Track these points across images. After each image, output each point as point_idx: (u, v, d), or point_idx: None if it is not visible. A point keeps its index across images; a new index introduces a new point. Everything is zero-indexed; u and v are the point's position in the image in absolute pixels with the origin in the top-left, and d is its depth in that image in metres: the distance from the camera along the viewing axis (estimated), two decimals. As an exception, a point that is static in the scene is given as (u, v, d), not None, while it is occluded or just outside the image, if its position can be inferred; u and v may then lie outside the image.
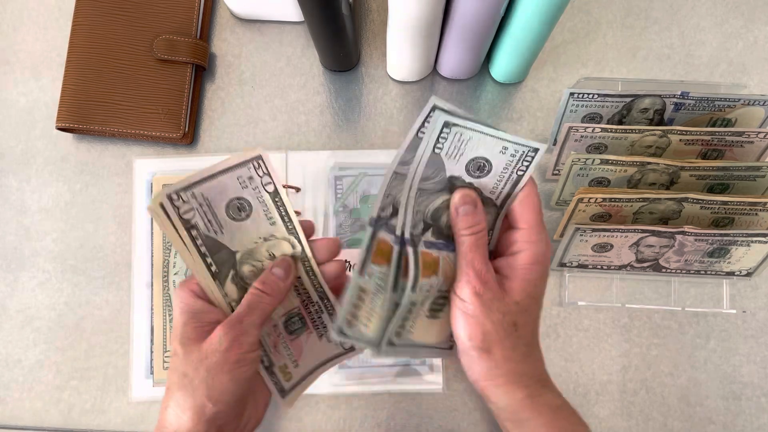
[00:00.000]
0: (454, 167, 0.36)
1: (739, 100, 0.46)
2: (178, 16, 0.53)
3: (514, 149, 0.35)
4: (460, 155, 0.36)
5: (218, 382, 0.34)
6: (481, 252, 0.35)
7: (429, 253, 0.36)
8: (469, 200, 0.36)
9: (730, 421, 0.50)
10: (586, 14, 0.56)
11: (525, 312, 0.36)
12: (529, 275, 0.35)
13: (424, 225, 0.36)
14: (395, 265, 0.35)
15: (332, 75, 0.55)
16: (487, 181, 0.37)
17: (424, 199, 0.36)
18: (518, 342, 0.35)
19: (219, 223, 0.36)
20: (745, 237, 0.46)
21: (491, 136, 0.35)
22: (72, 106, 0.52)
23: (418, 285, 0.35)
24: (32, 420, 0.51)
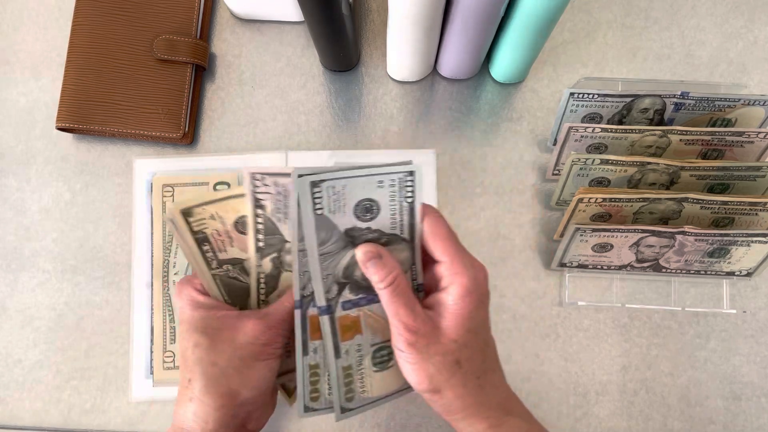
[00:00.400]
0: (343, 220, 0.35)
1: (739, 100, 0.46)
2: (178, 16, 0.53)
3: (389, 180, 0.34)
4: (343, 206, 0.34)
5: (254, 370, 0.35)
6: (403, 300, 0.34)
7: (347, 315, 0.36)
8: (372, 254, 0.34)
9: (730, 421, 0.50)
10: (586, 14, 0.56)
11: (465, 347, 0.34)
12: (462, 310, 0.34)
13: (338, 286, 0.36)
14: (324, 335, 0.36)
15: (332, 75, 0.55)
16: (382, 220, 0.35)
17: (330, 263, 0.35)
18: (466, 378, 0.34)
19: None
20: (745, 237, 0.46)
21: (361, 176, 0.34)
22: (72, 106, 0.52)
23: (342, 350, 0.36)
24: (32, 420, 0.51)
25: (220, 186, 0.52)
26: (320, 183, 0.33)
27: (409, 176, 0.35)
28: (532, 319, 0.51)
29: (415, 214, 0.35)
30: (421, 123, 0.54)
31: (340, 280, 0.35)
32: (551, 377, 0.51)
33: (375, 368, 0.37)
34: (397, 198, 0.35)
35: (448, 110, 0.54)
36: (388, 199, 0.35)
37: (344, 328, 0.36)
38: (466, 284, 0.34)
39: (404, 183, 0.35)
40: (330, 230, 0.34)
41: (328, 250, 0.35)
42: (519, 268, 0.52)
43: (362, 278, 0.36)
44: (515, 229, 0.52)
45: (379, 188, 0.35)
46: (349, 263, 0.35)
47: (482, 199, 0.53)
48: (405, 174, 0.34)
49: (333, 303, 0.36)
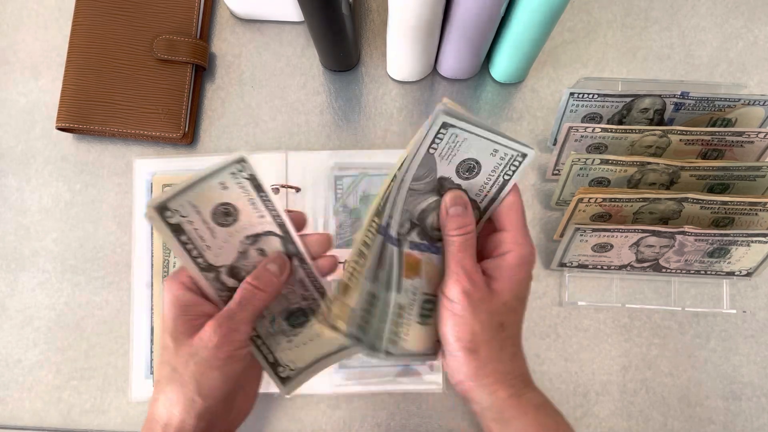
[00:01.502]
0: (445, 168, 0.36)
1: (739, 100, 0.46)
2: (178, 16, 0.53)
3: (503, 152, 0.36)
4: (452, 156, 0.36)
5: (207, 378, 0.34)
6: (471, 252, 0.36)
7: (412, 254, 0.37)
8: (460, 201, 0.36)
9: (730, 421, 0.50)
10: (586, 14, 0.56)
11: (512, 312, 0.36)
12: (517, 276, 0.36)
13: (410, 225, 0.36)
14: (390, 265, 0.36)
15: (332, 75, 0.55)
16: (475, 183, 0.37)
17: (413, 200, 0.36)
18: (505, 342, 0.36)
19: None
20: (745, 237, 0.46)
21: (484, 138, 0.35)
22: (72, 106, 0.52)
23: (402, 286, 0.36)
24: (32, 420, 0.51)
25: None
26: (449, 127, 0.34)
27: (520, 157, 0.36)
28: (532, 319, 0.51)
29: (503, 191, 0.37)
30: (421, 123, 0.54)
31: (414, 221, 0.36)
32: (551, 377, 0.51)
33: (419, 319, 0.37)
34: (498, 171, 0.36)
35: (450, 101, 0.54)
36: (492, 168, 0.36)
37: (408, 265, 0.36)
38: (525, 254, 0.36)
39: (513, 161, 0.36)
40: (429, 171, 0.36)
41: (417, 187, 0.36)
42: (519, 268, 0.52)
43: (431, 227, 0.37)
44: (515, 229, 0.52)
45: (491, 156, 0.36)
46: (426, 207, 0.37)
47: (482, 199, 0.53)
48: (518, 154, 0.36)
49: (402, 239, 0.36)
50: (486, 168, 0.36)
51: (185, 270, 0.36)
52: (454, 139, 0.35)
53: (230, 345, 0.34)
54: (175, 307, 0.35)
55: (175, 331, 0.35)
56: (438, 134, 0.35)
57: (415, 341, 0.37)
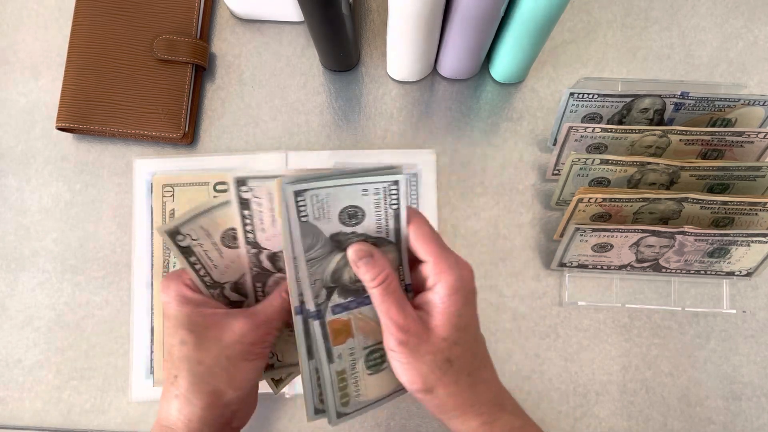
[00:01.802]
0: (329, 226, 0.34)
1: (739, 100, 0.46)
2: (178, 16, 0.53)
3: (374, 188, 0.34)
4: (327, 212, 0.34)
5: (241, 370, 0.35)
6: (394, 298, 0.34)
7: (338, 319, 0.36)
8: (364, 253, 0.35)
9: (730, 421, 0.50)
10: (586, 14, 0.56)
11: (456, 345, 0.35)
12: (450, 307, 0.34)
13: (327, 290, 0.35)
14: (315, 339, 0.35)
15: (332, 75, 0.55)
16: (367, 224, 0.35)
17: (317, 268, 0.35)
18: (458, 375, 0.35)
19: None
20: (745, 237, 0.46)
21: (345, 185, 0.34)
22: (72, 106, 0.52)
23: (334, 354, 0.35)
24: (32, 420, 0.51)
25: (220, 186, 0.52)
26: (303, 192, 0.33)
27: (393, 185, 0.34)
28: (532, 319, 0.51)
29: (400, 220, 0.35)
30: (421, 123, 0.54)
31: (329, 285, 0.35)
32: (551, 377, 0.51)
33: (369, 371, 0.37)
34: (382, 206, 0.35)
35: (448, 110, 0.54)
36: (374, 206, 0.35)
37: (335, 332, 0.36)
38: (452, 282, 0.34)
39: (389, 191, 0.34)
40: (316, 236, 0.34)
41: (314, 255, 0.34)
42: (519, 268, 0.52)
43: (350, 281, 0.36)
44: (515, 229, 0.52)
45: (363, 196, 0.34)
46: (336, 267, 0.35)
47: (482, 199, 0.53)
48: (389, 183, 0.34)
49: (323, 308, 0.35)
50: (368, 208, 0.35)
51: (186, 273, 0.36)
52: (316, 199, 0.33)
53: (263, 344, 0.35)
54: (185, 304, 0.35)
55: (194, 325, 0.35)
56: (298, 204, 0.33)
57: (376, 389, 0.37)
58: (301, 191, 0.33)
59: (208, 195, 0.52)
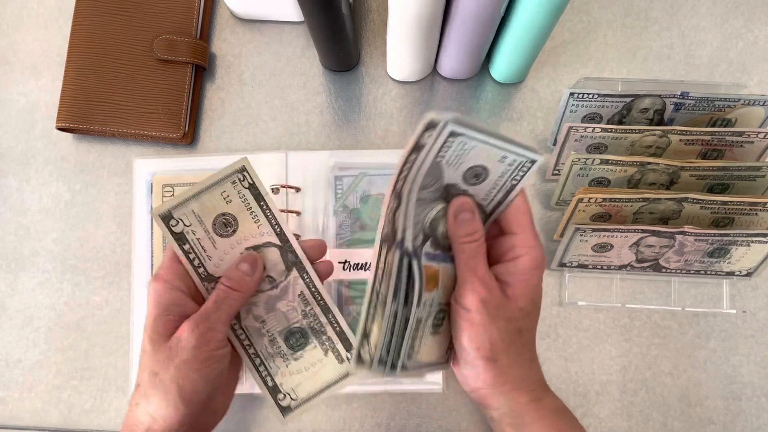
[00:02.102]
0: (452, 175, 0.35)
1: (739, 100, 0.46)
2: (178, 16, 0.53)
3: (512, 159, 0.35)
4: (460, 163, 0.34)
5: (188, 382, 0.33)
6: (482, 259, 0.35)
7: (430, 266, 0.35)
8: (468, 207, 0.35)
9: (730, 421, 0.50)
10: (586, 14, 0.56)
11: (528, 317, 0.35)
12: (531, 280, 0.35)
13: (423, 236, 0.35)
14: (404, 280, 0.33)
15: (332, 75, 0.55)
16: (481, 188, 0.36)
17: (421, 209, 0.35)
18: (523, 348, 0.35)
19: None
20: (745, 237, 0.46)
21: (493, 145, 0.34)
22: (72, 106, 0.52)
23: (422, 300, 0.34)
24: (32, 420, 0.51)
25: (220, 186, 0.52)
26: (457, 136, 0.32)
27: (528, 163, 0.35)
28: (532, 319, 0.51)
29: (509, 196, 0.36)
30: (421, 123, 0.54)
31: (426, 231, 0.35)
32: (551, 377, 0.51)
33: (431, 329, 0.36)
34: (506, 176, 0.36)
35: (448, 110, 0.54)
36: (500, 174, 0.35)
37: (428, 278, 0.35)
38: (538, 258, 0.35)
39: (522, 167, 0.35)
40: (436, 178, 0.34)
41: (423, 196, 0.34)
42: (519, 268, 0.52)
43: (442, 236, 0.36)
44: (515, 229, 0.52)
45: (499, 162, 0.35)
46: (435, 216, 0.35)
47: (482, 199, 0.53)
48: (527, 160, 0.35)
49: (418, 251, 0.34)
50: (494, 174, 0.35)
51: (170, 266, 0.36)
52: (462, 147, 0.33)
53: (207, 345, 0.34)
54: (156, 308, 0.35)
55: (154, 332, 0.34)
56: (446, 143, 0.32)
57: (428, 352, 0.36)
58: (456, 134, 0.32)
59: (208, 195, 0.51)
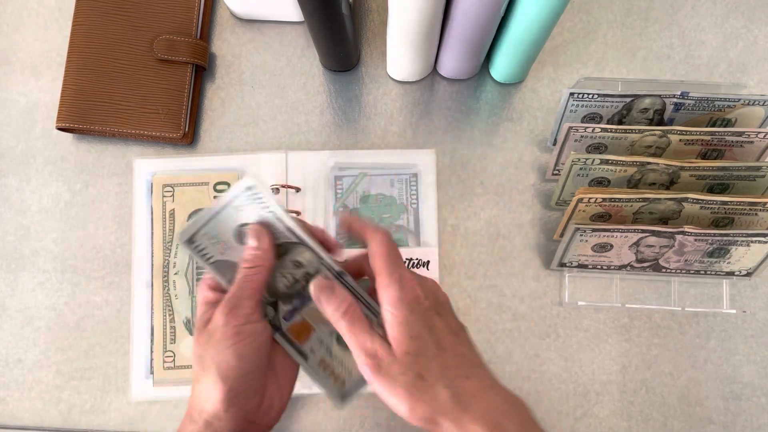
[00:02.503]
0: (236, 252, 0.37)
1: (739, 100, 0.46)
2: (178, 16, 0.53)
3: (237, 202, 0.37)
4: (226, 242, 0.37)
5: (222, 358, 0.35)
6: (359, 325, 0.35)
7: (294, 324, 0.38)
8: (325, 285, 0.36)
9: (730, 421, 0.50)
10: (586, 14, 0.56)
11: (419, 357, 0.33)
12: (397, 318, 0.34)
13: (271, 306, 0.38)
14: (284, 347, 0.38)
15: (332, 75, 0.55)
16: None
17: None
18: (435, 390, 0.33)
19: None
20: (744, 237, 0.46)
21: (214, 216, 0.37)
22: (72, 106, 0.52)
23: (307, 352, 0.38)
24: (32, 420, 0.51)
25: (220, 186, 0.52)
26: (193, 237, 0.36)
27: (248, 191, 0.36)
28: (532, 319, 0.51)
29: (287, 222, 0.37)
30: (421, 123, 0.54)
31: (269, 300, 0.37)
32: (551, 377, 0.51)
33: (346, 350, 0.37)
34: (259, 212, 0.37)
35: (448, 110, 0.54)
36: (255, 217, 0.37)
37: (296, 334, 0.38)
38: (393, 293, 0.34)
39: (254, 199, 0.36)
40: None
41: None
42: (519, 268, 0.52)
43: (287, 288, 0.38)
44: (515, 229, 0.52)
45: (239, 211, 0.37)
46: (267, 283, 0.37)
47: (482, 199, 0.53)
48: (245, 190, 0.36)
49: (276, 321, 0.37)
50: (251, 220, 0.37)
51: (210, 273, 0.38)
52: (207, 236, 0.37)
53: (235, 319, 0.35)
54: (201, 306, 0.37)
55: (199, 323, 0.37)
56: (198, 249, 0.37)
57: None
58: (191, 238, 0.37)
59: (208, 195, 0.52)
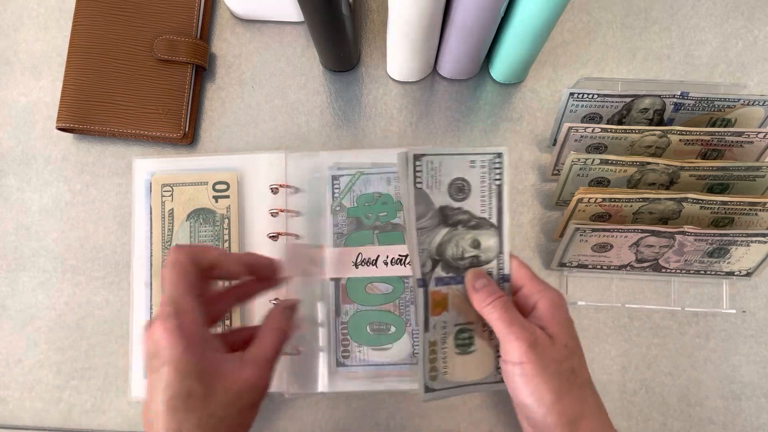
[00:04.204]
0: (439, 197, 0.38)
1: (739, 100, 0.46)
2: (178, 16, 0.53)
3: (480, 160, 0.37)
4: (438, 183, 0.38)
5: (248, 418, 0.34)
6: (513, 310, 0.36)
7: (438, 291, 0.38)
8: (480, 274, 0.37)
9: (730, 421, 0.50)
10: (586, 14, 0.56)
11: (575, 355, 0.35)
12: (560, 317, 0.36)
13: (432, 262, 0.38)
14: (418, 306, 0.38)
15: (332, 75, 0.55)
16: (473, 202, 0.38)
17: (425, 237, 0.38)
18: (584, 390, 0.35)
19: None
20: (744, 237, 0.46)
21: (456, 155, 0.37)
22: (72, 106, 0.52)
23: (430, 324, 0.37)
24: (32, 420, 0.51)
25: (219, 186, 0.52)
26: (421, 157, 0.37)
27: (497, 158, 0.38)
28: (532, 319, 0.51)
29: (503, 199, 0.38)
30: (421, 123, 0.54)
31: (434, 257, 0.38)
32: (551, 377, 0.51)
33: (457, 349, 0.38)
34: (487, 180, 0.38)
35: (448, 110, 0.54)
36: (479, 180, 0.38)
37: (434, 303, 0.38)
38: (553, 297, 0.36)
39: (493, 165, 0.38)
40: (427, 205, 0.37)
41: (424, 224, 0.38)
42: (519, 268, 0.52)
43: (452, 258, 0.38)
44: (515, 229, 0.52)
45: (471, 168, 0.38)
46: (442, 240, 0.38)
47: (482, 199, 0.53)
48: (494, 156, 0.38)
49: (427, 278, 0.38)
50: (474, 181, 0.38)
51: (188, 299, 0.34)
52: (430, 167, 0.37)
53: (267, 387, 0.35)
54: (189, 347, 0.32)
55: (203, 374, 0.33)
56: (416, 169, 0.37)
57: (463, 371, 0.38)
58: (420, 156, 0.37)
59: (207, 194, 0.52)
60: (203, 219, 0.51)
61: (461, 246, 0.38)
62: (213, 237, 0.51)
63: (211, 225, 0.51)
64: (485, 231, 0.38)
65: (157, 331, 0.32)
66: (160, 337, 0.32)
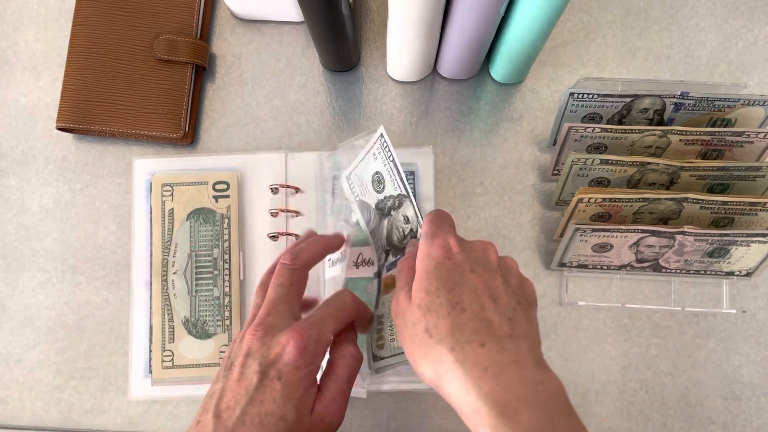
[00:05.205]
0: (371, 198, 0.44)
1: (739, 100, 0.46)
2: (178, 16, 0.53)
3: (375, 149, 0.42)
4: (365, 187, 0.44)
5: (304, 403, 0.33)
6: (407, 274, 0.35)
7: (389, 275, 0.41)
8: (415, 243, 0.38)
9: (730, 421, 0.50)
10: (586, 14, 0.56)
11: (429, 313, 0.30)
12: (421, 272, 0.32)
13: (385, 252, 0.42)
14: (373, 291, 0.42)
15: (332, 75, 0.55)
16: (389, 186, 0.42)
17: (376, 236, 0.43)
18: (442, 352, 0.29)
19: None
20: (744, 237, 0.46)
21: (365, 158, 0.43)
22: (72, 106, 0.52)
23: (379, 302, 0.41)
24: (32, 420, 0.51)
25: (219, 185, 0.52)
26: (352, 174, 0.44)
27: (381, 139, 0.41)
28: (532, 319, 0.51)
29: (400, 169, 0.41)
30: (421, 123, 0.54)
31: (386, 248, 0.42)
32: (551, 377, 0.51)
33: None
34: (386, 161, 0.41)
35: (448, 110, 0.54)
36: (382, 164, 0.42)
37: (385, 285, 0.41)
38: (423, 248, 0.33)
39: (384, 146, 0.41)
40: (368, 210, 0.44)
41: (372, 226, 0.44)
42: (519, 268, 0.52)
43: (398, 241, 0.42)
44: (515, 229, 0.52)
45: (375, 159, 0.42)
46: (387, 231, 0.42)
47: (482, 199, 0.53)
48: (379, 138, 0.41)
49: (381, 267, 0.42)
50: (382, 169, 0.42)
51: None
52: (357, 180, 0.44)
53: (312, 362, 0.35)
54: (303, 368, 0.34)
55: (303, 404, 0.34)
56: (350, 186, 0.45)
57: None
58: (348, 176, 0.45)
59: (207, 194, 0.52)
60: (203, 219, 0.51)
61: (399, 227, 0.41)
62: (213, 237, 0.51)
63: (211, 225, 0.51)
64: (405, 204, 0.41)
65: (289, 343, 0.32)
66: (289, 353, 0.32)
